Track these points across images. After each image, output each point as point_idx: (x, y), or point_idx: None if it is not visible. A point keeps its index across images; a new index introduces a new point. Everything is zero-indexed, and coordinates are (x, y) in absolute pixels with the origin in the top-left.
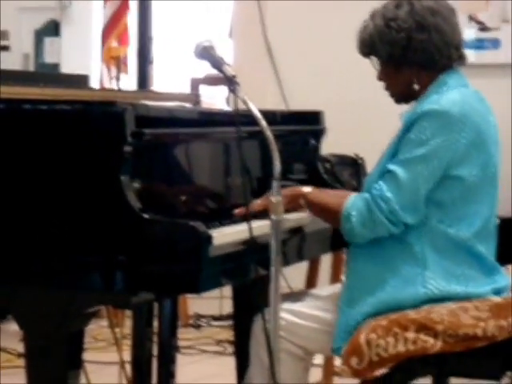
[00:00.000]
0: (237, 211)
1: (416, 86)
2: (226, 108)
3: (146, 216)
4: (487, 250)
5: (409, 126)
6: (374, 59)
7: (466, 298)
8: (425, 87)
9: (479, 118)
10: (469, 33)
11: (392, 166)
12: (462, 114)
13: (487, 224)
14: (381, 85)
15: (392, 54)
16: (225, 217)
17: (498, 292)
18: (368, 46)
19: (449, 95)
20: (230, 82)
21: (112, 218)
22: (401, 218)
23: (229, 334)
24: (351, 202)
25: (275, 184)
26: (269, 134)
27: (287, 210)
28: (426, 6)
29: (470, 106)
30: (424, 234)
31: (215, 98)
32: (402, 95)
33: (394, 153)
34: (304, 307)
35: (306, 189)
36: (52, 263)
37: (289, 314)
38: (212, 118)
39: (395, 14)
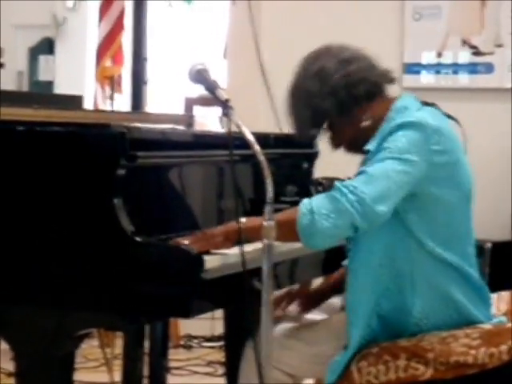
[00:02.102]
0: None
1: (366, 123)
2: (220, 129)
3: (138, 239)
4: (475, 272)
5: (383, 140)
6: (324, 129)
7: (460, 321)
8: (378, 118)
9: (450, 132)
10: (462, 57)
11: (362, 169)
12: (438, 127)
13: (468, 246)
14: None
15: (339, 101)
16: None
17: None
18: (316, 114)
19: (412, 112)
20: (224, 106)
21: (104, 240)
22: (369, 207)
23: (220, 355)
24: (307, 199)
25: (268, 208)
26: (262, 158)
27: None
28: (334, 47)
29: (440, 122)
30: (416, 259)
31: (209, 118)
32: (353, 140)
33: None
34: (293, 338)
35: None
36: (44, 284)
37: (278, 345)
38: (205, 141)
39: (318, 66)
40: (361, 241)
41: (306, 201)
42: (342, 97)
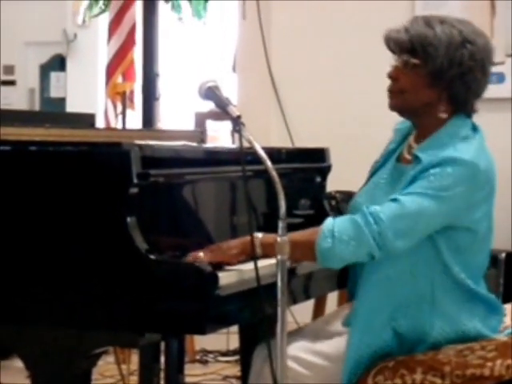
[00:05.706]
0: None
1: (442, 115)
2: (231, 144)
3: (152, 257)
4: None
5: (428, 169)
6: (404, 56)
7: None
8: (439, 119)
9: (493, 170)
10: None
11: (398, 196)
12: (487, 170)
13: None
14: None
15: (443, 70)
16: None
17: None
18: (423, 45)
19: (470, 146)
20: (235, 122)
21: (118, 258)
22: (389, 242)
23: (236, 370)
24: (330, 220)
25: (281, 224)
26: (274, 174)
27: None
28: (492, 49)
29: (488, 160)
30: (438, 281)
31: (220, 132)
32: (408, 107)
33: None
34: (308, 354)
35: (257, 234)
36: (59, 303)
37: (293, 361)
38: (218, 157)
39: (474, 40)
40: None
41: (328, 221)
42: (447, 72)
